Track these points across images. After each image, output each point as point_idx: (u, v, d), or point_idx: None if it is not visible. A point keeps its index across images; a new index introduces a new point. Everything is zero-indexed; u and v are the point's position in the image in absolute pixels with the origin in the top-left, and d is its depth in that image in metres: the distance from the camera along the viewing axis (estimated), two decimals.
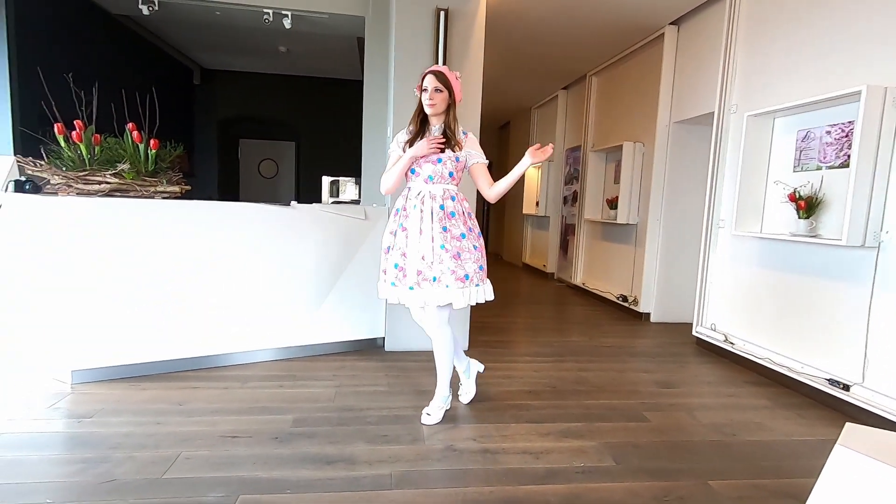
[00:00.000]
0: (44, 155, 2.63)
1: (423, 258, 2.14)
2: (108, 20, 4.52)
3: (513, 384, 2.82)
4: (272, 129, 7.56)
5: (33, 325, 2.63)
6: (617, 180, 5.06)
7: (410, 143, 2.22)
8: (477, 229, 2.27)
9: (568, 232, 6.61)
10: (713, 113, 3.65)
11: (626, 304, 4.83)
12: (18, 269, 2.63)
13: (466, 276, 2.17)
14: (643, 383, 2.93)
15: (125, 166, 2.63)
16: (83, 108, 2.82)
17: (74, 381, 2.54)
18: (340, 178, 7.80)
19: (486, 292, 2.24)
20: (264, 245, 2.92)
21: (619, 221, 4.84)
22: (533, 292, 6.05)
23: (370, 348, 3.33)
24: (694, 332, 3.78)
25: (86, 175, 2.57)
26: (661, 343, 3.88)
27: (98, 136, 2.61)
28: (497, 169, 10.01)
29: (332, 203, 6.23)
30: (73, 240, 2.47)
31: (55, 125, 2.52)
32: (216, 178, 7.31)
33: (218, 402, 2.41)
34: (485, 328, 3.97)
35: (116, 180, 2.62)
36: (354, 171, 7.78)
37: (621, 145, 4.82)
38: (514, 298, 5.59)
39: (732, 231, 3.28)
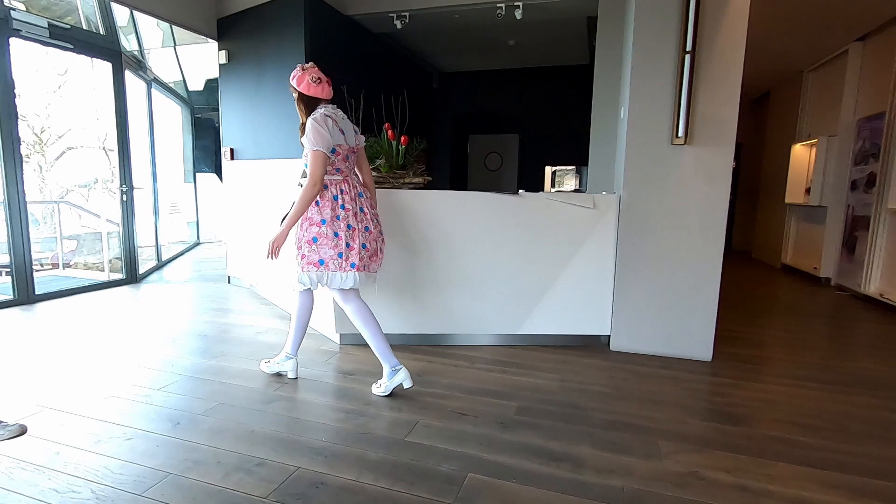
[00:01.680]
0: None
1: None
2: (370, 37, 5.34)
3: (774, 412, 2.29)
4: (498, 123, 7.88)
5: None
6: None
7: None
8: (319, 217, 2.24)
9: (857, 226, 5.13)
10: None
11: None
12: None
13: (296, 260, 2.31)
14: None
15: (381, 161, 3.03)
16: (353, 114, 3.33)
17: (342, 343, 3.06)
18: (561, 168, 7.67)
19: (303, 281, 2.28)
20: (494, 232, 3.01)
21: None
22: (798, 301, 4.88)
23: (594, 345, 3.15)
24: None
25: None
26: None
27: (363, 136, 3.06)
28: (750, 154, 8.30)
29: (555, 192, 6.14)
30: None
31: None
32: (448, 172, 8.01)
33: (449, 378, 2.58)
34: (733, 339, 3.35)
35: (375, 174, 3.02)
36: (577, 160, 7.58)
37: None
38: (770, 307, 4.61)
39: None
